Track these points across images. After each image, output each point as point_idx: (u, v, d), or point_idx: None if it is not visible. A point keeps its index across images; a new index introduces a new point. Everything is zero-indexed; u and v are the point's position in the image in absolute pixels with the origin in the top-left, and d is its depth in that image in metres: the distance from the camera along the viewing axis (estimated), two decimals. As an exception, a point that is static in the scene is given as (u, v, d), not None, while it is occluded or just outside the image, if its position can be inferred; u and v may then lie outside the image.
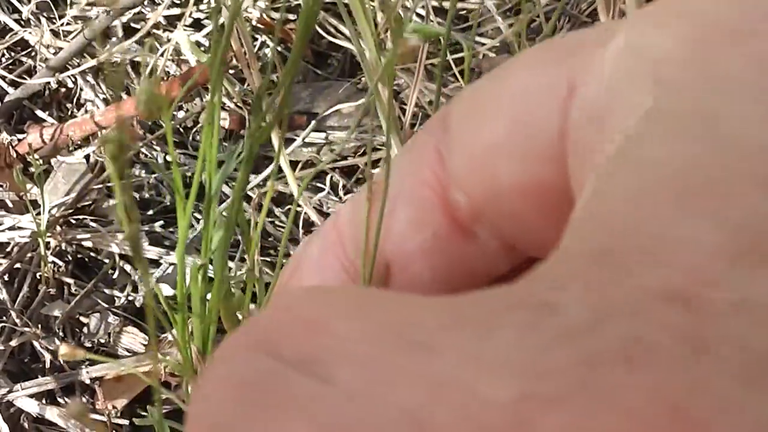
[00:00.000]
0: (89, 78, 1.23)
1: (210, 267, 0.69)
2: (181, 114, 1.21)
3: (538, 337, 0.19)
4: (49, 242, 1.07)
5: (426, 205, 0.32)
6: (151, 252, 1.06)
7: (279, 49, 1.27)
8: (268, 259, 1.08)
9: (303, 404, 0.20)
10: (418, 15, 1.28)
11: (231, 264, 1.05)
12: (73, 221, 1.11)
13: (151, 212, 1.13)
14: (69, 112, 1.23)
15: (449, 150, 0.31)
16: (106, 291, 1.07)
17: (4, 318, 1.03)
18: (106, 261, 1.09)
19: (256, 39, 1.29)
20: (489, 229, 0.32)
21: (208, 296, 0.63)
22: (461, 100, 0.32)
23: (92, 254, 1.10)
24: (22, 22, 1.27)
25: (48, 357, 1.00)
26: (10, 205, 1.13)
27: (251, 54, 1.02)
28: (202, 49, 1.27)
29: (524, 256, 0.33)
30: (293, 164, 1.14)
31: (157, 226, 1.09)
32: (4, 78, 1.23)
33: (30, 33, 1.26)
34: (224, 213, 1.08)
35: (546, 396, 0.18)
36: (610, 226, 0.22)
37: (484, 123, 0.29)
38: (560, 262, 0.22)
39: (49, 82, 1.23)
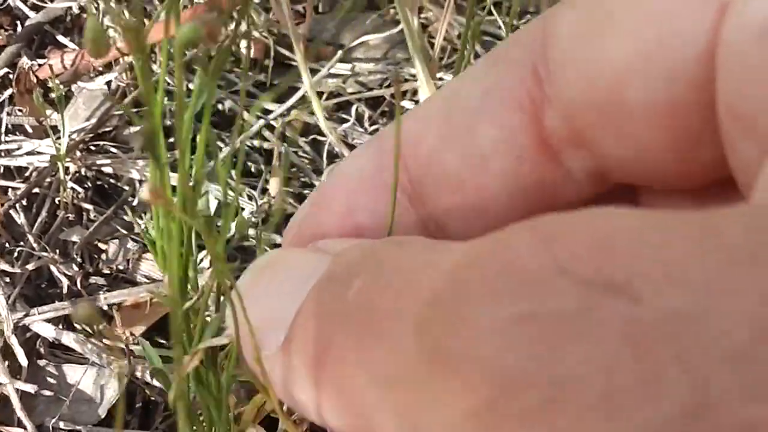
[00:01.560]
0: (112, 4, 1.21)
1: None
2: (204, 42, 1.18)
3: None
4: (68, 167, 1.05)
5: (514, 125, 0.30)
6: (172, 179, 1.04)
7: (305, -22, 1.24)
8: (291, 189, 1.06)
9: (620, 328, 0.19)
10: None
11: (254, 192, 1.03)
12: (93, 147, 1.09)
13: (172, 140, 1.11)
14: (90, 38, 1.20)
15: (553, 68, 0.29)
16: (126, 218, 1.05)
17: (22, 242, 1.01)
18: (126, 188, 1.07)
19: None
20: (581, 156, 0.30)
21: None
22: (569, 14, 0.29)
23: (112, 180, 1.08)
24: (45, -55, 1.25)
25: (65, 282, 0.99)
26: (30, 130, 1.11)
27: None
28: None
29: (610, 185, 0.31)
30: (318, 95, 1.12)
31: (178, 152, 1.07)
32: (25, 2, 1.21)
33: (52, -44, 1.23)
34: (248, 143, 1.06)
35: None
36: None
37: (613, 40, 0.27)
38: None
39: (70, 7, 1.20)
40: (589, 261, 0.20)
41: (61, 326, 0.96)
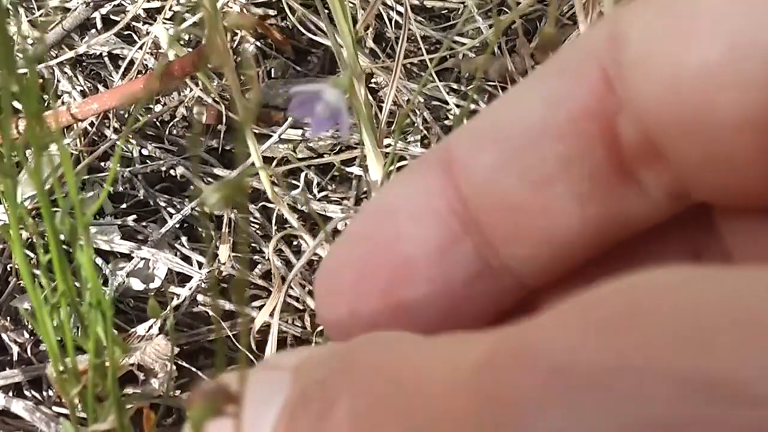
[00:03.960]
0: (67, 70, 1.23)
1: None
2: (158, 107, 1.20)
3: None
4: (21, 234, 1.06)
5: (585, 139, 0.26)
6: (123, 246, 1.06)
7: (259, 44, 1.26)
8: (240, 255, 1.08)
9: None
10: (398, 13, 1.28)
11: (201, 259, 1.05)
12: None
13: (124, 206, 1.12)
14: (45, 104, 1.22)
15: (625, 72, 0.25)
16: (77, 284, 1.06)
17: (-27, 309, 1.02)
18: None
19: (236, 34, 1.28)
20: (659, 171, 0.26)
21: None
22: (643, 11, 0.25)
23: (64, 247, 1.09)
24: (1, 12, 1.26)
25: (16, 349, 0.99)
26: (-17, 195, 1.13)
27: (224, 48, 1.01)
28: (181, 42, 1.27)
29: (688, 204, 0.27)
30: (269, 160, 1.14)
31: (130, 220, 1.09)
32: (-19, 68, 1.22)
33: (8, 23, 1.25)
34: (196, 209, 1.07)
35: None
36: None
37: (699, 38, 0.23)
38: None
39: (26, 73, 1.22)
40: (679, 353, 0.16)
41: (10, 394, 0.97)
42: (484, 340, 0.19)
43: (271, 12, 1.27)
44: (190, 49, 1.21)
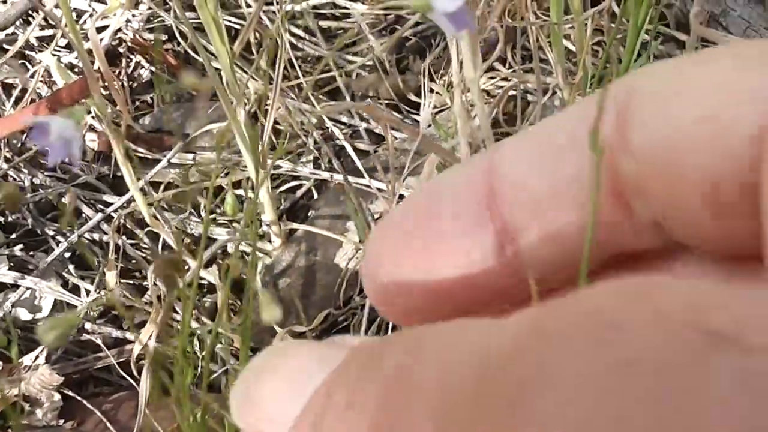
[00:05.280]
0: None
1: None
2: (51, 136, 1.20)
3: None
4: None
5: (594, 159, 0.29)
6: (8, 276, 1.05)
7: (153, 69, 1.26)
8: (131, 281, 1.07)
9: (736, 377, 0.18)
10: (293, 35, 1.29)
11: (89, 287, 1.04)
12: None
13: (14, 235, 1.11)
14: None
15: (632, 119, 0.29)
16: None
17: None
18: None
19: (131, 60, 1.28)
20: (648, 205, 0.29)
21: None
22: (654, 74, 0.29)
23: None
24: None
25: None
26: None
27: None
28: (76, 70, 1.26)
29: (665, 242, 0.30)
30: (158, 185, 1.14)
31: (17, 249, 1.08)
32: None
33: None
34: (86, 235, 1.07)
35: None
36: None
37: (675, 107, 0.27)
38: None
39: None
40: (693, 313, 0.19)
41: None
42: (522, 313, 0.22)
43: (163, 37, 1.27)
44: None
